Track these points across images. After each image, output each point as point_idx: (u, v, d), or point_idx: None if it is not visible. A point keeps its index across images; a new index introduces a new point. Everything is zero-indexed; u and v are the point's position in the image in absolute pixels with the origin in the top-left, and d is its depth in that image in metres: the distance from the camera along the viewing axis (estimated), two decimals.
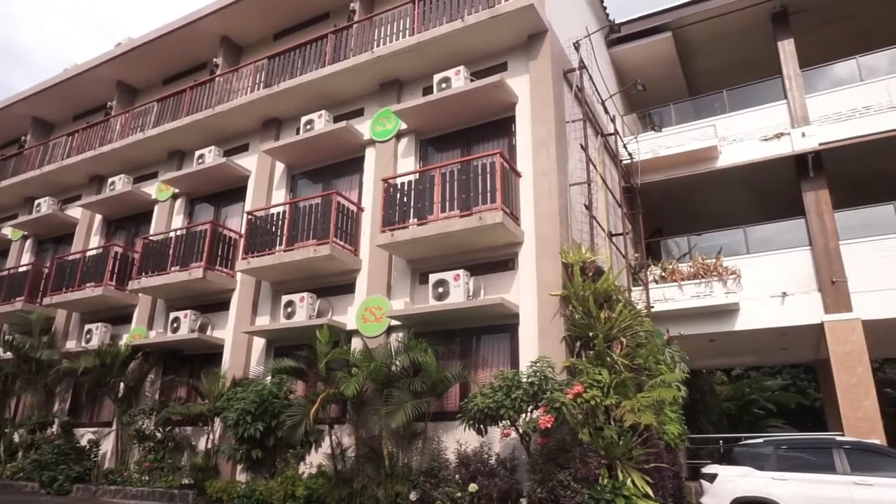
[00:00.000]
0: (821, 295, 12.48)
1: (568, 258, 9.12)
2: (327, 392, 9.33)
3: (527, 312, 9.28)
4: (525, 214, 9.82)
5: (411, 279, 10.64)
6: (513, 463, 8.38)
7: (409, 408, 8.61)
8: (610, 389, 7.92)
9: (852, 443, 9.77)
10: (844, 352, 11.98)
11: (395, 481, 8.89)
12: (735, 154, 14.07)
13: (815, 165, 13.22)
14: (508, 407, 7.82)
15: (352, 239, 11.30)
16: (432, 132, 11.57)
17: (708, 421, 20.03)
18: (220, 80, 14.57)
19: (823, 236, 12.77)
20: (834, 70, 14.42)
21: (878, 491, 8.73)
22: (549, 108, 10.09)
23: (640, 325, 9.14)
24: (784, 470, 9.47)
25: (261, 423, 9.83)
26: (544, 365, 8.16)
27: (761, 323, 12.94)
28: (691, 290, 13.18)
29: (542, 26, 10.47)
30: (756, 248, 13.75)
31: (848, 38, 15.49)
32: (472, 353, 10.09)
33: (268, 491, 9.63)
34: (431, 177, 10.13)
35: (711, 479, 9.95)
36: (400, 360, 9.50)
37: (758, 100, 14.54)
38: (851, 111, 13.11)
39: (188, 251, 12.72)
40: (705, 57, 16.73)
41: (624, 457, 7.79)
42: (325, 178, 12.84)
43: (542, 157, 9.89)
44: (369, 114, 12.31)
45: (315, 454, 9.98)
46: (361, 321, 10.65)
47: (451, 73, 10.76)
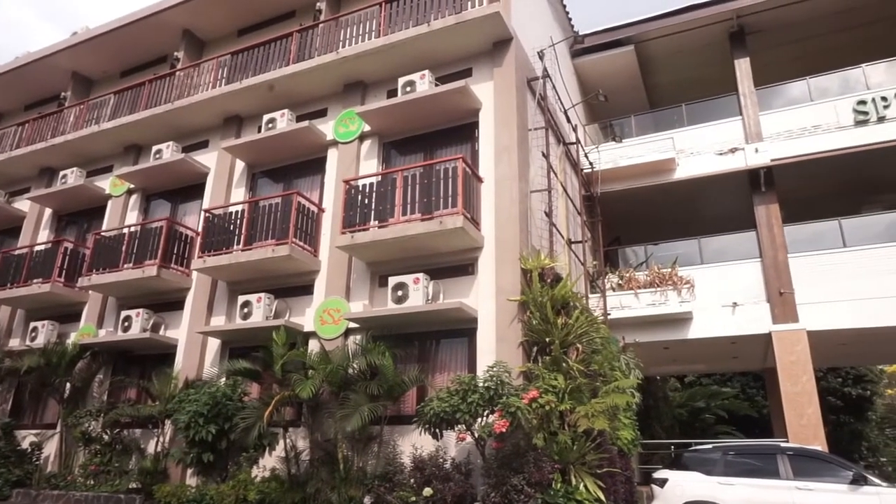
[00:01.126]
0: (769, 305, 12.90)
1: (527, 264, 9.20)
2: (282, 394, 9.19)
3: (485, 317, 9.33)
4: (486, 220, 9.88)
5: (371, 282, 10.58)
6: (468, 467, 8.40)
7: (366, 411, 8.55)
8: (565, 395, 8.01)
9: (795, 449, 10.12)
10: (790, 361, 12.40)
11: (349, 485, 8.81)
12: (692, 167, 14.44)
13: (766, 180, 13.68)
14: (464, 411, 7.84)
15: (311, 240, 11.19)
16: (396, 135, 11.55)
17: (661, 427, 20.43)
18: (180, 75, 14.28)
19: (773, 249, 13.21)
20: (787, 89, 14.96)
21: (817, 496, 9.06)
22: (512, 115, 10.19)
23: (596, 332, 9.27)
24: (731, 475, 9.75)
25: (213, 425, 9.61)
26: (501, 370, 8.21)
27: (713, 332, 13.31)
28: (647, 298, 13.46)
29: (508, 34, 10.57)
30: (711, 259, 14.15)
31: (800, 59, 16.11)
32: (430, 357, 10.08)
33: (219, 495, 9.42)
34: (393, 179, 10.11)
35: (662, 484, 10.18)
36: (357, 362, 9.42)
37: (715, 115, 14.99)
38: (802, 129, 13.62)
39: (142, 248, 12.39)
40: (666, 71, 17.14)
41: (577, 462, 7.89)
42: (286, 178, 12.68)
43: (504, 164, 9.97)
44: (333, 114, 12.21)
45: (269, 457, 9.81)
46: (319, 323, 10.54)
47: (415, 77, 10.77)
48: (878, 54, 14.46)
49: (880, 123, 12.95)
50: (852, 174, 14.75)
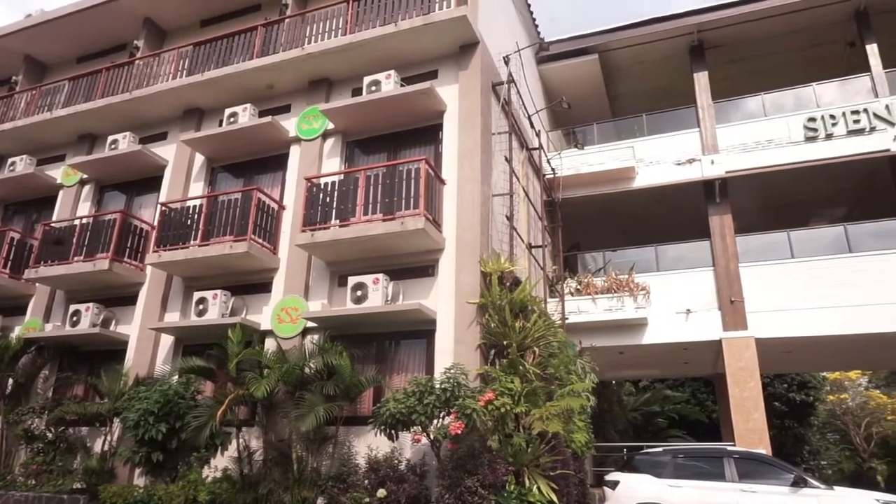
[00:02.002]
0: (720, 313, 13.29)
1: (487, 267, 9.27)
2: (236, 393, 9.04)
3: (444, 319, 9.35)
4: (447, 222, 9.91)
5: (330, 281, 10.50)
6: (423, 468, 8.41)
7: (321, 411, 8.47)
8: (521, 398, 8.09)
9: (741, 452, 10.46)
10: (738, 367, 12.80)
11: (302, 486, 8.71)
12: (651, 176, 14.79)
13: (721, 191, 14.10)
14: (420, 413, 7.84)
15: (271, 237, 11.04)
16: (359, 134, 11.49)
17: (615, 430, 20.84)
18: (139, 64, 13.91)
19: (725, 258, 13.62)
20: (743, 104, 15.46)
21: (761, 497, 9.40)
22: (476, 118, 10.25)
23: (553, 336, 9.38)
24: (680, 477, 10.04)
25: (164, 424, 9.39)
26: (458, 372, 8.23)
27: (667, 338, 13.65)
28: (604, 303, 13.71)
29: (474, 38, 10.64)
30: (670, 266, 14.51)
31: (756, 75, 16.67)
32: (389, 357, 10.06)
33: (167, 496, 9.21)
34: (356, 179, 10.06)
35: (614, 486, 10.40)
36: (314, 362, 9.34)
37: (674, 126, 15.39)
38: (756, 143, 14.09)
39: (94, 241, 12.02)
40: (628, 81, 17.50)
41: (531, 464, 7.97)
42: (246, 174, 12.49)
43: (467, 167, 10.02)
44: (296, 111, 12.08)
45: (221, 457, 9.63)
46: (276, 321, 10.41)
47: (381, 77, 10.74)
48: (827, 74, 15.09)
49: (828, 140, 13.49)
50: (802, 188, 15.33)
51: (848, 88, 14.45)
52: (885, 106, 13.27)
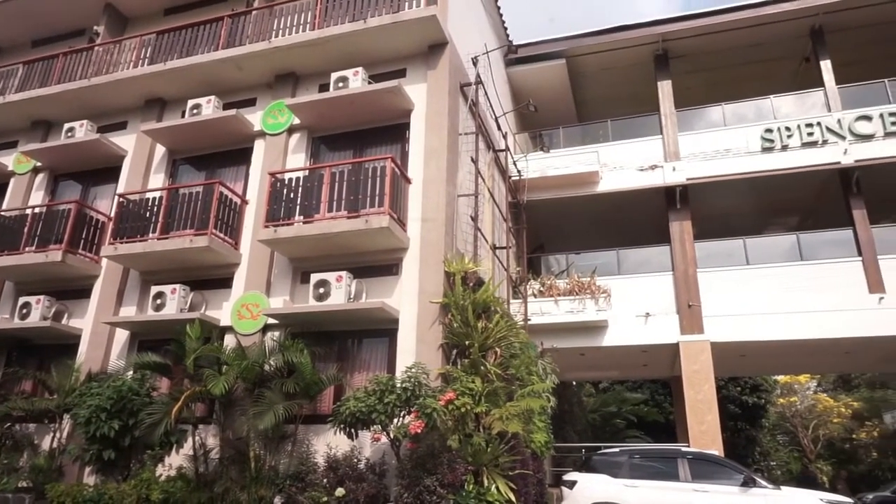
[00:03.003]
0: (678, 317, 13.60)
1: (451, 267, 9.29)
2: (193, 390, 8.87)
3: (407, 318, 9.34)
4: (412, 221, 9.90)
5: (292, 278, 10.39)
6: (382, 468, 8.38)
7: (280, 409, 8.39)
8: (481, 397, 8.13)
9: (694, 453, 10.73)
10: (694, 370, 13.12)
11: (259, 485, 8.59)
12: (614, 180, 15.03)
13: (681, 198, 14.43)
14: (381, 412, 7.82)
15: (233, 232, 10.87)
16: (326, 130, 11.40)
17: (574, 430, 21.12)
18: (99, 50, 13.51)
19: (684, 263, 13.94)
20: (705, 113, 15.84)
21: (712, 497, 9.66)
22: (443, 118, 10.27)
23: (515, 337, 9.47)
24: (636, 477, 10.24)
25: (117, 421, 9.11)
26: (419, 371, 8.24)
27: (626, 340, 13.91)
28: (566, 305, 13.89)
29: (443, 38, 10.65)
30: (632, 270, 14.79)
31: (718, 85, 17.09)
32: (350, 356, 10.01)
33: (119, 495, 8.95)
34: (321, 175, 9.98)
35: (571, 486, 10.55)
36: (274, 359, 9.24)
37: (638, 132, 15.69)
38: (715, 152, 14.45)
39: (47, 231, 11.64)
40: (595, 86, 17.76)
41: (490, 463, 8.01)
42: (209, 167, 12.26)
43: (433, 166, 10.03)
44: (262, 105, 11.92)
45: (176, 456, 9.41)
46: (237, 318, 10.25)
47: (349, 73, 10.67)
48: (785, 87, 15.61)
49: (784, 151, 13.93)
50: (759, 197, 15.79)
51: (805, 102, 14.94)
52: (837, 120, 13.77)
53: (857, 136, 13.57)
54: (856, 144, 13.53)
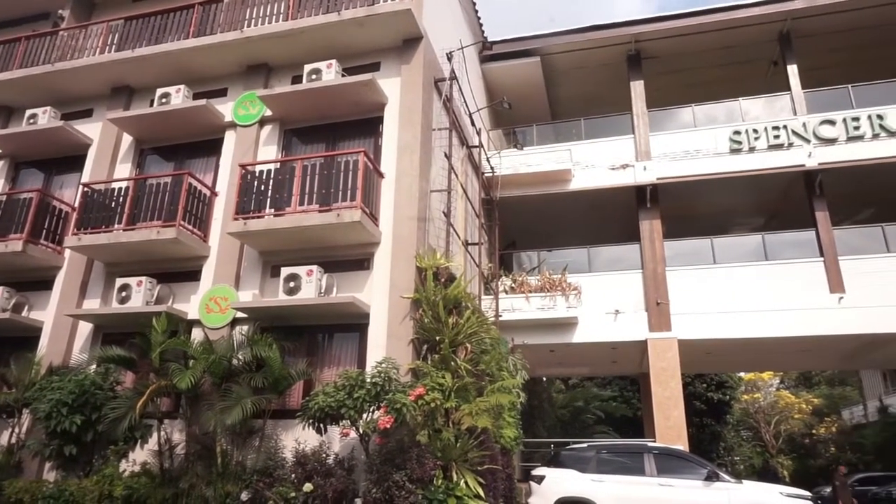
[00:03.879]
0: (647, 314, 13.80)
1: (422, 262, 9.28)
2: (158, 384, 8.71)
3: (377, 313, 9.31)
4: (384, 216, 9.86)
5: (262, 271, 10.27)
6: (351, 463, 8.35)
7: (248, 404, 8.29)
8: (451, 393, 8.14)
9: (660, 448, 10.92)
10: (661, 367, 13.34)
11: (226, 480, 8.49)
12: (586, 179, 15.17)
13: (652, 197, 14.63)
14: (350, 407, 7.79)
15: (202, 224, 10.69)
16: (298, 123, 11.28)
17: (544, 426, 21.33)
18: (64, 35, 13.13)
19: (653, 261, 14.15)
20: (676, 113, 16.08)
21: (677, 491, 9.84)
22: (417, 113, 10.24)
23: (486, 333, 9.51)
24: (603, 472, 10.38)
25: (79, 415, 8.92)
26: (389, 366, 8.23)
27: (596, 337, 14.07)
28: (537, 302, 13.98)
29: (418, 32, 10.61)
30: (603, 268, 14.95)
31: (690, 87, 17.35)
32: (320, 350, 9.95)
33: (80, 491, 8.77)
34: (293, 168, 9.88)
35: (539, 481, 10.64)
36: (243, 353, 9.14)
37: (610, 131, 15.86)
38: (685, 152, 14.68)
39: (7, 220, 11.28)
40: (568, 85, 17.87)
41: (460, 458, 8.03)
42: (177, 157, 12.03)
43: (406, 161, 10.00)
44: (233, 95, 11.74)
45: (140, 451, 9.26)
46: (205, 311, 10.09)
47: (322, 66, 10.56)
48: (754, 90, 15.91)
49: (751, 153, 14.22)
50: (727, 197, 16.08)
51: (773, 105, 15.26)
52: (803, 124, 14.10)
53: (821, 139, 13.92)
54: (820, 148, 13.87)
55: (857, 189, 14.81)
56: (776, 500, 9.61)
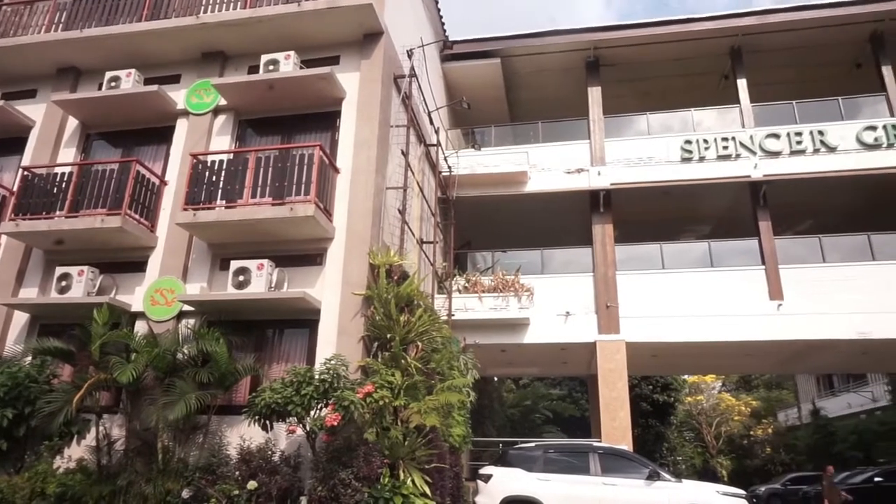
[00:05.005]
0: (597, 317, 14.07)
1: (376, 259, 9.24)
2: (98, 377, 8.42)
3: (329, 309, 9.23)
4: (338, 211, 9.77)
5: (211, 264, 10.04)
6: (297, 460, 8.27)
7: (193, 399, 8.11)
8: (401, 391, 8.13)
9: (605, 448, 11.16)
10: (609, 368, 13.62)
11: (167, 478, 8.27)
12: (542, 181, 15.37)
13: (605, 201, 14.92)
14: (297, 403, 7.70)
15: (149, 213, 10.38)
16: (253, 113, 11.07)
17: (493, 425, 21.51)
18: (7, 10, 12.56)
19: (604, 265, 14.43)
20: (631, 121, 16.44)
21: (620, 490, 10.08)
22: (375, 109, 10.18)
23: (438, 331, 9.51)
24: (549, 471, 10.54)
25: (10, 409, 8.53)
26: (339, 363, 8.17)
27: (547, 338, 14.27)
28: (490, 302, 14.09)
29: (379, 28, 10.55)
30: (557, 270, 15.16)
31: (646, 95, 17.76)
32: (269, 346, 9.80)
33: (10, 488, 8.38)
34: (246, 159, 9.68)
35: (487, 480, 10.73)
36: (188, 347, 8.93)
37: (567, 135, 16.11)
38: (639, 159, 15.03)
39: None
40: (528, 88, 18.04)
41: (407, 457, 8.03)
42: (126, 144, 11.64)
43: (363, 157, 9.94)
44: (186, 82, 11.43)
45: (77, 447, 8.92)
46: (150, 303, 9.81)
47: (280, 56, 10.38)
48: (706, 101, 16.42)
49: (701, 163, 14.66)
50: (677, 204, 16.51)
51: (725, 117, 15.76)
52: (750, 136, 14.61)
53: (766, 152, 14.45)
54: (765, 160, 14.40)
55: (798, 201, 15.43)
56: (713, 499, 9.95)
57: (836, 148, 14.16)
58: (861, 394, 28.03)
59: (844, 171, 14.01)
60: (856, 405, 28.23)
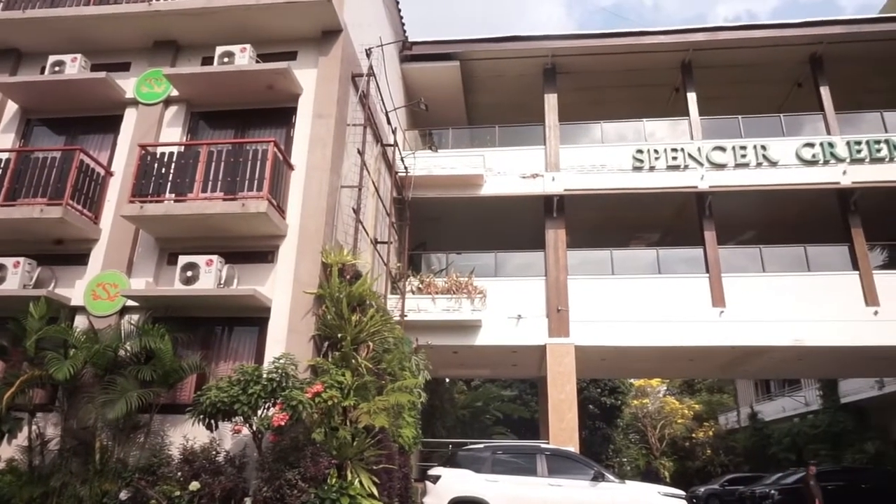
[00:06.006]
0: (548, 320, 14.28)
1: (328, 258, 9.16)
2: (31, 374, 8.09)
3: (279, 308, 9.09)
4: (292, 209, 9.64)
5: (158, 258, 9.75)
6: (242, 461, 8.10)
7: (134, 397, 7.86)
8: (351, 391, 8.09)
9: (552, 450, 11.32)
10: (558, 371, 13.84)
11: (104, 479, 7.99)
12: (498, 185, 15.50)
13: (558, 207, 15.16)
14: (244, 402, 7.56)
15: (93, 205, 10.02)
16: (207, 106, 10.82)
17: (444, 426, 21.52)
18: None
19: (556, 269, 14.66)
20: (586, 128, 16.77)
21: (565, 491, 10.24)
22: (332, 106, 10.10)
23: (390, 332, 9.50)
24: (497, 473, 10.62)
25: None
26: (288, 362, 8.06)
27: (498, 340, 14.40)
28: (443, 303, 14.13)
29: (338, 25, 10.47)
30: (508, 273, 15.33)
31: (601, 104, 18.11)
32: (217, 344, 9.59)
33: None
34: (198, 153, 9.46)
35: (435, 481, 10.74)
36: (131, 344, 8.65)
37: (523, 141, 16.32)
38: (592, 166, 15.33)
39: None
40: (486, 92, 18.19)
41: (355, 457, 7.99)
42: (70, 132, 11.21)
43: (318, 155, 9.84)
44: (137, 71, 11.10)
45: (7, 447, 8.52)
46: (91, 298, 9.47)
47: (236, 49, 10.18)
48: (658, 112, 16.89)
49: (651, 172, 15.06)
50: (628, 212, 16.92)
51: (676, 128, 16.24)
52: (698, 148, 15.11)
53: (712, 164, 14.96)
54: (711, 172, 14.90)
55: (742, 212, 16.02)
56: (654, 499, 10.22)
57: (778, 163, 14.77)
58: (795, 398, 29.25)
59: (784, 185, 14.63)
60: (790, 409, 29.44)
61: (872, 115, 15.74)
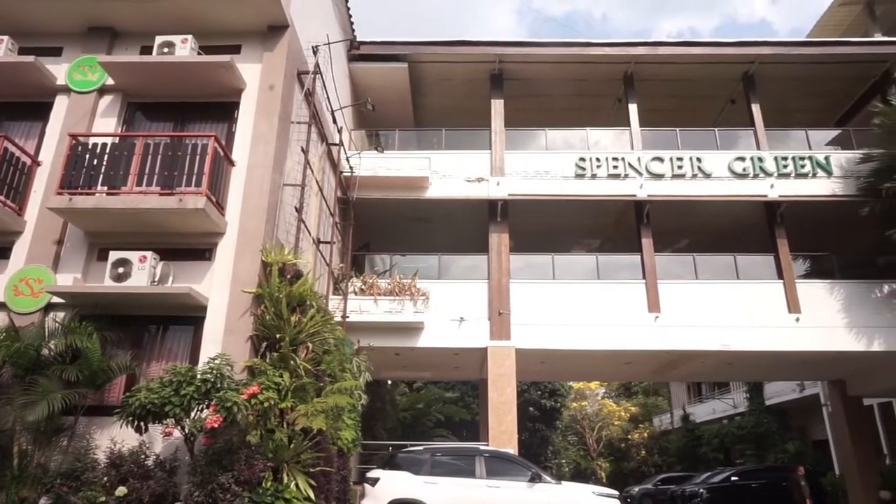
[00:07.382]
0: (489, 323, 14.43)
1: (269, 257, 8.99)
2: None
3: (216, 307, 8.86)
4: (232, 206, 9.42)
5: (88, 253, 9.35)
6: (173, 464, 7.85)
7: (58, 399, 7.52)
8: (288, 393, 7.97)
9: (491, 451, 11.45)
10: (499, 374, 13.99)
11: (22, 485, 7.60)
12: (443, 188, 15.55)
13: (502, 211, 15.34)
14: (176, 404, 7.32)
15: (17, 195, 9.53)
16: (145, 97, 10.47)
17: (385, 428, 21.43)
18: None
19: (499, 273, 14.83)
20: (531, 135, 17.04)
21: (503, 492, 10.38)
22: (276, 103, 9.93)
23: (330, 333, 9.39)
24: (436, 474, 10.67)
25: None
26: (223, 363, 7.86)
27: (440, 342, 14.44)
28: (386, 305, 14.07)
29: (284, 20, 10.31)
30: (452, 276, 15.39)
31: (547, 111, 18.43)
32: (150, 343, 9.27)
33: None
34: (133, 145, 9.12)
35: (374, 483, 10.70)
36: (55, 343, 8.26)
37: (469, 145, 16.43)
38: (536, 172, 15.58)
39: None
40: (433, 95, 18.22)
41: (292, 460, 7.87)
42: None
43: (260, 151, 9.65)
44: (69, 56, 10.62)
45: None
46: (12, 293, 9.00)
47: (176, 39, 9.88)
48: (602, 122, 17.35)
49: (592, 180, 15.43)
50: (570, 218, 17.28)
51: (620, 138, 16.68)
52: (637, 158, 15.58)
53: (651, 174, 15.45)
54: (650, 181, 15.40)
55: (677, 221, 16.61)
56: (589, 499, 10.47)
57: (711, 174, 15.39)
58: (724, 400, 30.54)
59: (717, 196, 15.26)
60: (720, 411, 30.71)
61: (798, 133, 16.64)
